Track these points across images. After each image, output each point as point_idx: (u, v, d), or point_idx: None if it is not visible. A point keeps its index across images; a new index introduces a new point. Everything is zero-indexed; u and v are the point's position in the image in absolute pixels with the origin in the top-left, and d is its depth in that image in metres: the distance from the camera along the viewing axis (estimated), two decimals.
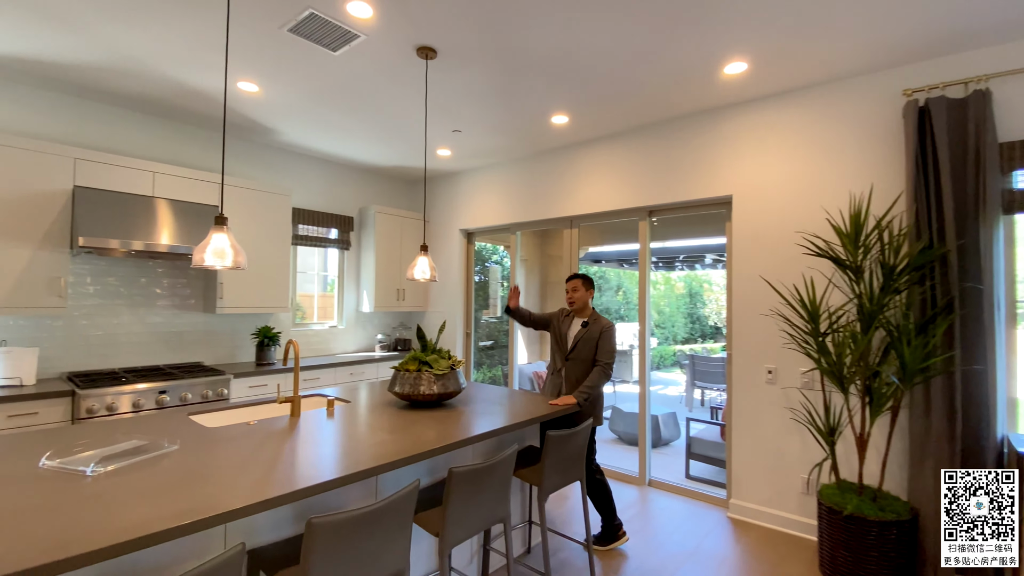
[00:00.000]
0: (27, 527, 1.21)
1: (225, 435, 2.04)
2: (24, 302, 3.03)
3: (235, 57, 2.86)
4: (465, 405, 2.68)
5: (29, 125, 3.31)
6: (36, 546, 1.12)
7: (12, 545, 1.12)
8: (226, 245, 1.92)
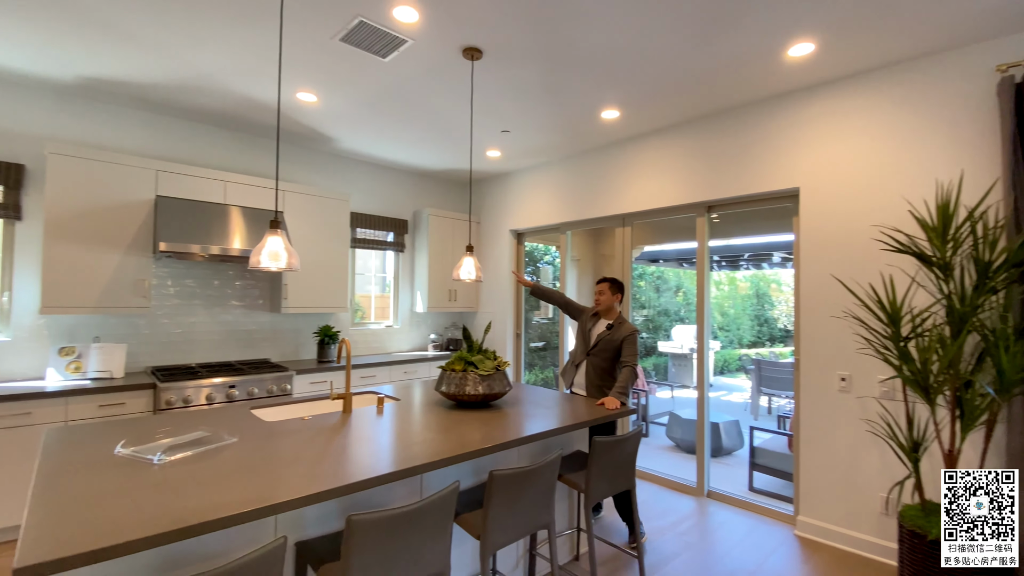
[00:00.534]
0: (96, 510, 1.31)
1: (281, 429, 2.14)
2: (113, 302, 3.35)
3: (293, 69, 3.00)
4: (511, 407, 2.66)
5: (117, 141, 3.65)
6: (101, 529, 1.21)
7: (81, 528, 1.22)
8: (280, 247, 2.01)
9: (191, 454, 1.76)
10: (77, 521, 1.24)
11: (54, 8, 2.41)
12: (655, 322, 8.94)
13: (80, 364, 3.31)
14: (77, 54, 2.87)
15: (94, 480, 1.51)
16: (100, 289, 3.29)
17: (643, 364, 8.40)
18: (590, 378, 3.10)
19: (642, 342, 8.49)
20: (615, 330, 3.04)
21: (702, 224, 3.75)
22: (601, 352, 3.06)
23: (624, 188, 4.16)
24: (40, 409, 2.90)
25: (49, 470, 1.59)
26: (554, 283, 7.88)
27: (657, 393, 6.85)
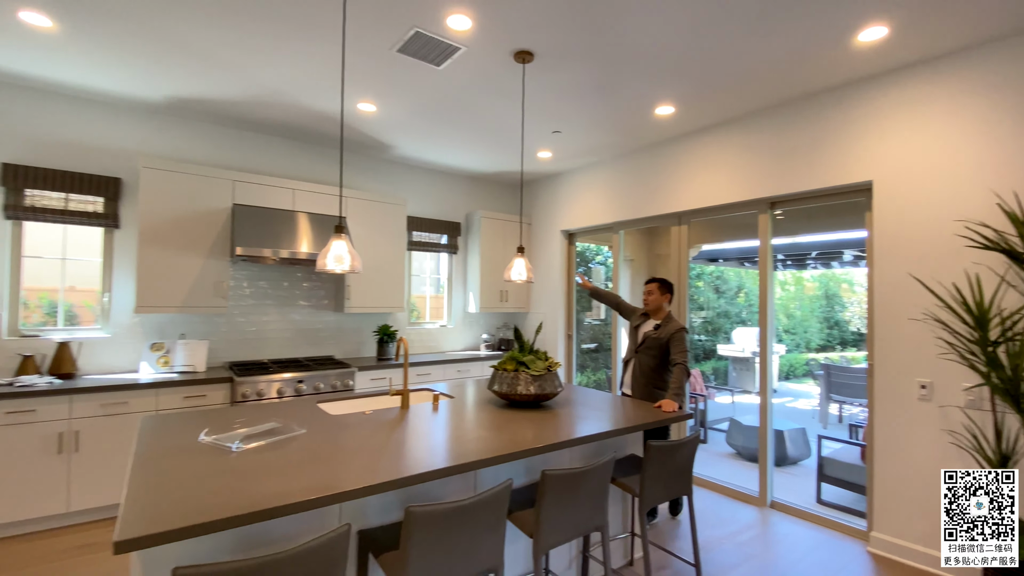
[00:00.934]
0: (184, 492, 1.45)
1: (344, 422, 2.26)
2: (196, 302, 3.65)
3: (354, 81, 3.15)
4: (563, 408, 2.66)
5: (199, 154, 3.98)
6: (188, 508, 1.34)
7: (171, 507, 1.35)
8: (344, 251, 2.13)
9: (264, 443, 1.91)
10: (168, 501, 1.38)
11: (146, 37, 2.67)
12: (714, 324, 8.60)
13: (168, 359, 3.64)
14: (165, 76, 3.16)
15: (182, 464, 1.67)
16: (185, 291, 3.61)
17: (701, 367, 8.14)
18: (636, 377, 3.18)
19: (700, 344, 8.21)
20: (662, 328, 3.10)
21: (764, 221, 3.58)
22: (648, 350, 3.13)
23: (680, 185, 4.05)
24: (135, 399, 3.22)
25: (144, 454, 1.77)
26: (606, 283, 7.81)
27: (716, 398, 6.60)
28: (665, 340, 3.04)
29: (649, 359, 3.12)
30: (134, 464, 1.67)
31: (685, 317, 4.08)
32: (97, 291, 3.65)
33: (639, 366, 3.16)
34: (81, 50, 2.83)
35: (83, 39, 2.71)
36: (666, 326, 3.09)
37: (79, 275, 3.60)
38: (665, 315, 3.17)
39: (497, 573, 1.68)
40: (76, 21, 2.53)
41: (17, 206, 3.30)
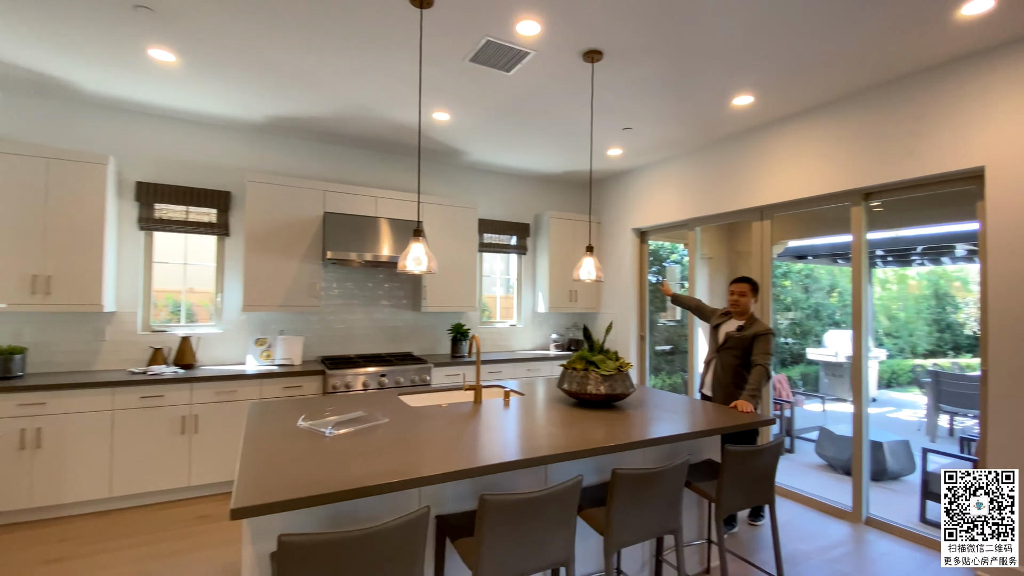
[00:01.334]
0: (286, 470, 1.63)
1: (423, 414, 2.40)
2: (293, 302, 4.02)
3: (429, 92, 3.32)
4: (635, 409, 2.64)
5: (294, 167, 4.37)
6: (290, 484, 1.50)
7: (276, 482, 1.52)
8: (422, 253, 2.27)
9: (353, 430, 2.08)
10: (273, 477, 1.55)
11: (251, 65, 2.99)
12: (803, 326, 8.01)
13: (270, 352, 4.03)
14: (265, 99, 3.51)
15: (283, 446, 1.87)
16: (284, 291, 3.98)
17: (788, 373, 7.66)
18: (718, 377, 3.11)
19: (787, 348, 7.68)
20: (747, 328, 3.03)
21: (858, 214, 3.31)
22: (731, 350, 3.06)
23: (760, 178, 3.84)
24: (242, 388, 3.60)
25: (253, 437, 2.00)
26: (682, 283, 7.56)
27: (805, 405, 6.15)
28: (750, 340, 2.97)
29: (731, 359, 3.05)
30: (244, 445, 1.89)
31: (768, 318, 3.86)
32: (211, 292, 4.13)
33: (720, 366, 3.10)
34: (197, 80, 3.22)
35: (200, 70, 3.09)
36: (751, 326, 3.02)
37: (197, 278, 4.10)
38: (749, 315, 3.10)
39: (567, 567, 1.72)
40: (195, 55, 2.90)
41: (149, 218, 3.82)
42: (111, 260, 3.62)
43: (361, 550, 1.31)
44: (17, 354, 3.28)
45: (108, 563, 2.63)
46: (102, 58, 2.94)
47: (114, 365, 3.72)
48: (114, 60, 2.96)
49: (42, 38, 2.73)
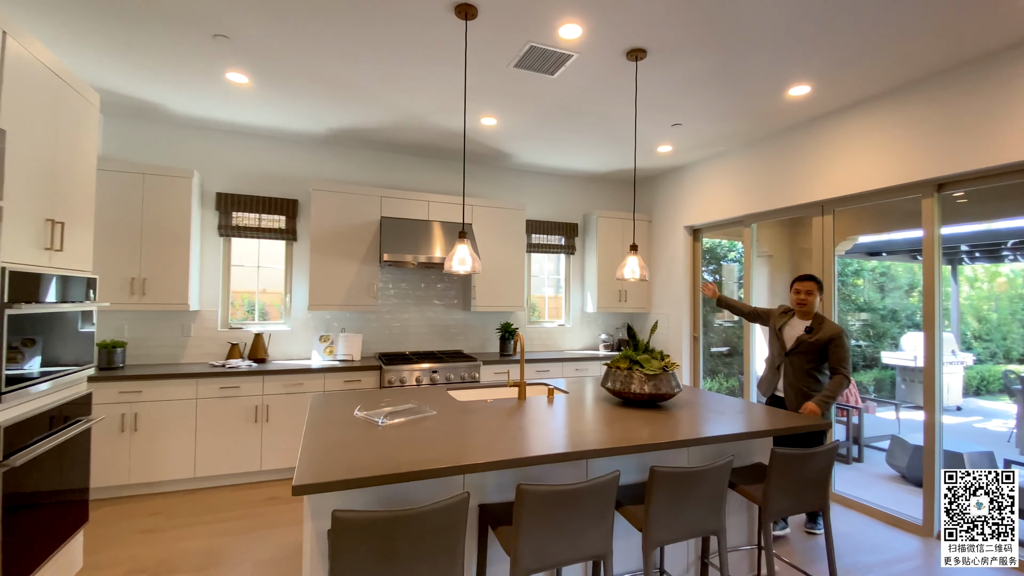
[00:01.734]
0: (342, 454, 1.77)
1: (469, 408, 2.50)
2: (353, 301, 4.27)
3: (476, 98, 3.44)
4: (681, 409, 2.61)
5: (353, 175, 4.63)
6: (346, 466, 1.64)
7: (334, 464, 1.67)
8: (467, 254, 2.37)
9: (404, 420, 2.21)
10: (331, 460, 1.70)
11: (312, 82, 3.23)
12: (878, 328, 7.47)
13: (332, 348, 4.31)
14: (326, 113, 3.77)
15: (341, 432, 2.03)
16: (345, 291, 4.24)
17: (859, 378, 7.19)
18: (790, 381, 2.97)
19: (859, 351, 7.20)
20: (817, 330, 2.89)
21: (929, 207, 3.08)
22: (804, 354, 2.92)
23: (820, 171, 3.66)
24: (308, 381, 3.88)
25: (314, 424, 2.18)
26: (739, 282, 7.30)
27: (877, 412, 5.75)
28: (824, 343, 2.85)
29: (804, 362, 2.92)
30: (307, 431, 2.07)
31: (835, 319, 3.67)
32: (281, 292, 4.47)
33: (793, 370, 2.96)
34: (268, 98, 3.52)
35: (270, 89, 3.37)
36: (822, 328, 2.89)
37: (269, 280, 4.45)
38: (815, 315, 2.97)
39: (605, 561, 1.75)
40: (266, 76, 3.17)
41: (227, 226, 4.20)
42: (195, 264, 4.01)
43: (405, 528, 1.42)
44: (119, 347, 3.71)
45: (191, 535, 2.94)
46: (187, 83, 3.29)
47: (197, 359, 4.12)
48: (197, 84, 3.30)
49: (138, 67, 3.10)
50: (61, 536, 2.29)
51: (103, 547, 2.77)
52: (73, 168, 2.39)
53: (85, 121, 2.48)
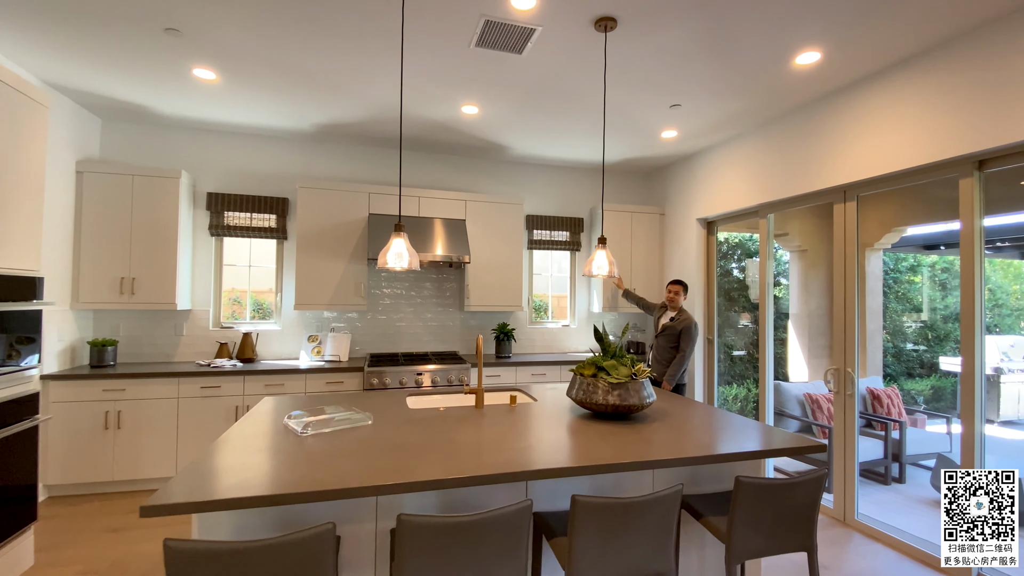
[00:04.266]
0: (234, 468, 1.60)
1: (416, 417, 2.30)
2: (340, 301, 4.17)
3: (449, 84, 3.22)
4: (653, 422, 2.29)
5: (342, 172, 4.54)
6: (230, 484, 1.47)
7: (218, 481, 1.50)
8: (403, 248, 2.17)
9: (330, 431, 2.04)
10: (218, 475, 1.54)
11: (284, 76, 3.13)
12: (938, 330, 6.66)
13: (320, 349, 4.23)
14: (305, 108, 3.67)
15: (255, 442, 1.88)
16: (332, 291, 4.15)
17: (912, 386, 6.49)
18: (656, 356, 3.95)
19: (914, 356, 6.45)
20: (677, 320, 3.83)
21: (968, 189, 2.59)
22: (666, 338, 3.85)
23: (840, 153, 3.20)
24: (289, 382, 3.81)
25: (236, 431, 2.04)
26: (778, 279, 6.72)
27: (927, 426, 5.08)
28: (679, 330, 3.76)
29: (666, 344, 3.84)
30: (222, 439, 1.93)
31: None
32: (272, 292, 4.44)
33: (658, 349, 3.92)
34: (242, 95, 3.45)
35: (240, 85, 3.30)
36: (680, 318, 3.81)
37: (260, 279, 4.43)
38: (679, 308, 3.89)
39: None
40: (231, 70, 3.09)
41: (218, 225, 4.20)
42: (186, 263, 4.03)
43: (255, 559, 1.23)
44: (109, 346, 3.77)
45: (155, 537, 2.90)
46: (158, 81, 3.27)
47: (189, 358, 4.14)
48: (168, 82, 3.27)
49: (110, 68, 3.10)
50: (3, 534, 2.27)
51: (63, 545, 2.77)
52: (16, 169, 2.37)
53: (30, 122, 2.47)
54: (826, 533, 3.08)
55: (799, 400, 4.46)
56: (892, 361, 6.49)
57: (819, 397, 4.37)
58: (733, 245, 6.80)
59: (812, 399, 4.39)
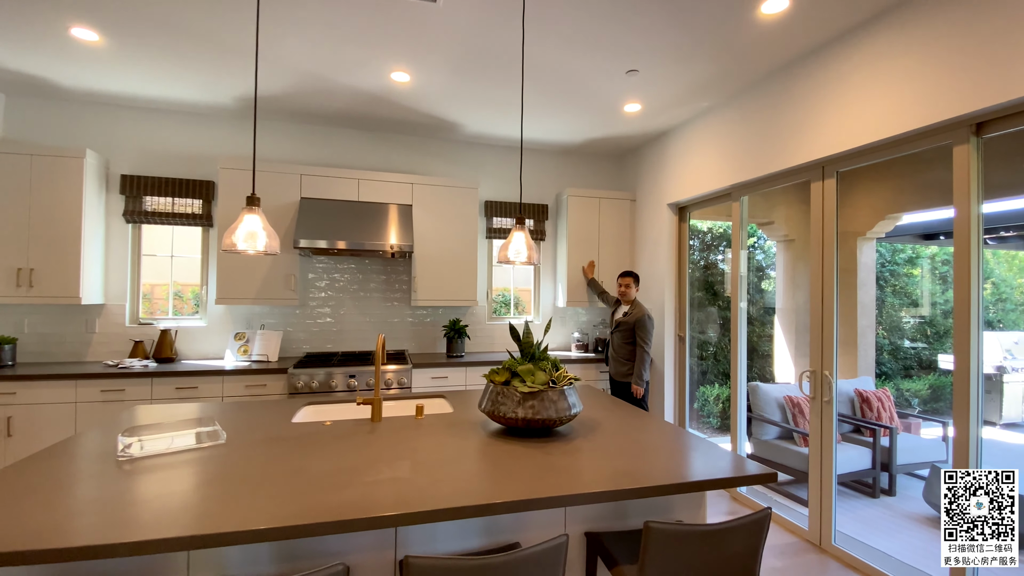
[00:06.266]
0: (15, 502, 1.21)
1: (290, 434, 1.90)
2: (269, 295, 3.77)
3: (369, 46, 2.80)
4: (585, 438, 1.89)
5: (273, 152, 4.11)
6: None
7: None
8: (258, 227, 1.76)
9: (159, 453, 1.64)
10: None
11: (188, 41, 2.71)
12: (937, 326, 6.22)
13: (248, 348, 3.83)
14: (219, 78, 3.26)
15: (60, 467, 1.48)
16: (258, 284, 3.75)
17: (909, 385, 6.08)
18: (613, 350, 3.77)
19: (914, 354, 6.02)
20: (631, 314, 3.63)
21: (963, 157, 2.16)
22: (621, 333, 3.67)
23: (817, 123, 2.76)
24: (204, 385, 3.41)
25: (52, 449, 1.64)
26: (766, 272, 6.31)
27: (921, 431, 4.65)
28: (632, 323, 3.59)
29: (622, 338, 3.67)
30: (20, 462, 1.54)
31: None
32: (197, 284, 4.04)
33: (614, 344, 3.74)
34: (134, 60, 3.04)
35: (128, 48, 2.88)
36: (633, 311, 3.64)
37: (184, 271, 4.03)
38: (632, 301, 3.71)
39: None
40: (113, 30, 2.68)
41: (135, 211, 3.80)
42: (97, 253, 3.64)
43: None
44: (7, 344, 3.39)
45: None
46: (36, 42, 2.85)
47: (103, 357, 3.75)
48: (46, 42, 2.85)
49: None
50: None
51: None
52: None
53: None
54: (796, 561, 2.68)
55: (779, 403, 4.04)
56: (888, 359, 6.05)
57: (801, 400, 3.96)
58: (717, 236, 6.36)
59: (793, 402, 3.97)
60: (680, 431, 2.03)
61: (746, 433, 3.88)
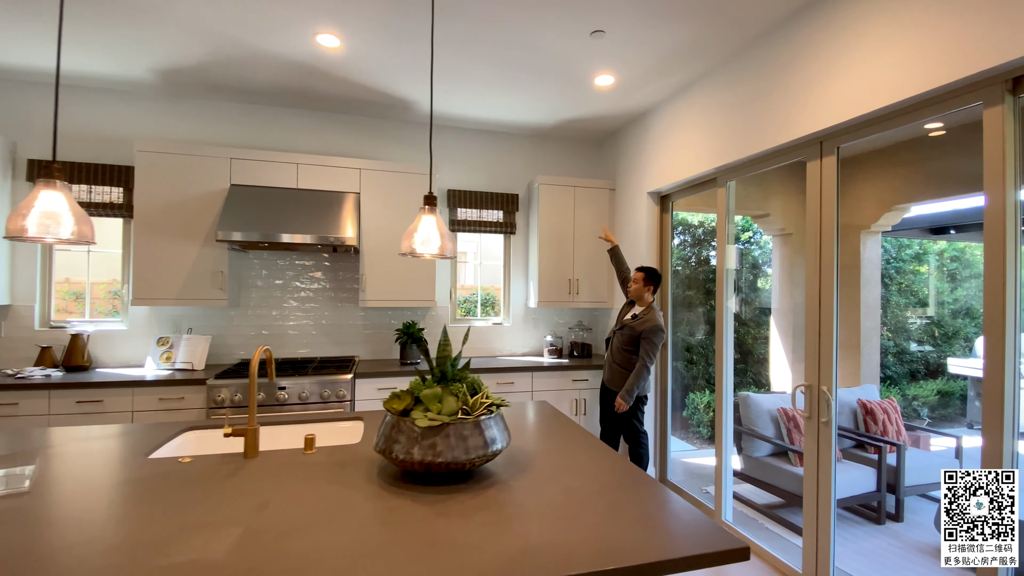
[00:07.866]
0: None
1: (131, 475, 1.47)
2: (193, 295, 3.33)
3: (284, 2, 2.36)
4: (511, 487, 1.44)
5: (199, 133, 3.66)
6: None
7: None
8: (64, 208, 1.32)
9: None
10: None
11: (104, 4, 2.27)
12: (946, 327, 5.72)
13: (171, 354, 3.39)
14: (128, 44, 2.82)
15: None
16: (181, 281, 3.31)
17: (916, 391, 5.63)
18: (611, 353, 3.25)
19: (922, 356, 5.56)
20: (640, 319, 3.09)
21: (996, 120, 1.70)
22: (625, 335, 3.14)
23: (816, 90, 2.30)
24: (111, 398, 2.98)
25: None
26: (753, 271, 5.89)
27: (931, 444, 4.19)
28: (639, 331, 3.05)
29: (624, 342, 3.15)
30: None
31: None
32: (117, 283, 3.61)
33: (614, 346, 3.23)
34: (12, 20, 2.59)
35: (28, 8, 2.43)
36: (644, 317, 3.09)
37: (103, 267, 3.59)
38: (647, 305, 3.15)
39: None
40: None
41: None
42: (1, 247, 3.20)
43: None
44: None
45: None
46: None
47: (7, 365, 3.32)
48: None
49: None
50: None
51: None
52: None
53: None
54: None
55: (772, 416, 3.59)
56: (893, 362, 5.58)
57: (796, 414, 3.51)
58: (709, 231, 5.90)
59: (788, 416, 3.52)
60: (634, 473, 1.58)
61: (734, 448, 3.44)
